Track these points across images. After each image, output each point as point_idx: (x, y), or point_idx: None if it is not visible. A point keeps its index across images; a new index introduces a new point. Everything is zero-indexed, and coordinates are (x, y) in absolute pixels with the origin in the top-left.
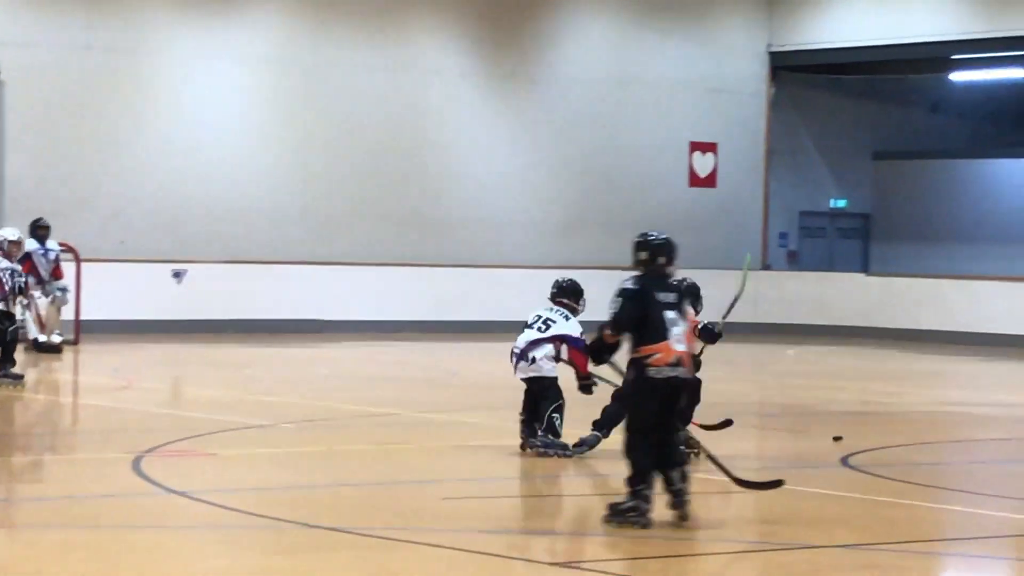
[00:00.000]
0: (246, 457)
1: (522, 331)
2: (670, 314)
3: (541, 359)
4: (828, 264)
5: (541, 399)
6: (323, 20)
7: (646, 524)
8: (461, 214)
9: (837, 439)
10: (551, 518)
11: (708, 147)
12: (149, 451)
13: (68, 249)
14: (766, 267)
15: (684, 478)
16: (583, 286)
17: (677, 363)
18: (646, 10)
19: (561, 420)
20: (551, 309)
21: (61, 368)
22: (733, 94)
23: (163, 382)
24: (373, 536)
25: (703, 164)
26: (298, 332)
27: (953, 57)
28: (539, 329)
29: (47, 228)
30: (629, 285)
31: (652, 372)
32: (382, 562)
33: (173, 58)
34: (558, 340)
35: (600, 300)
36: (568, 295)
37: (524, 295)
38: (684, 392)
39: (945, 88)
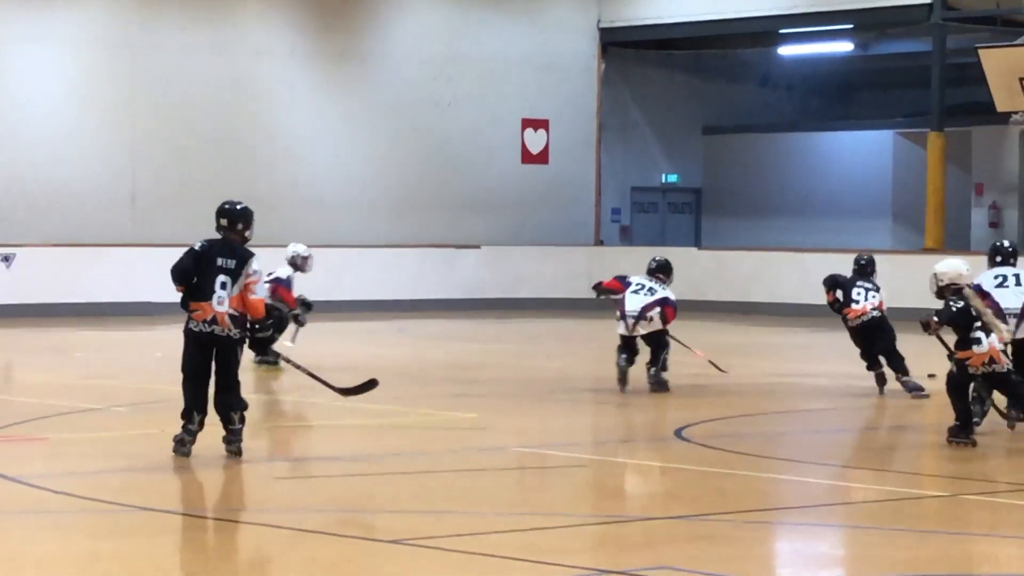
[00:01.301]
0: (78, 441)
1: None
2: (222, 278)
3: (654, 317)
4: (660, 239)
5: (658, 347)
6: (149, 1)
7: (185, 453)
8: (293, 195)
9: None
10: (384, 496)
11: (540, 124)
12: None
13: None
14: (599, 243)
15: (242, 420)
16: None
17: (213, 321)
18: None
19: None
20: (651, 280)
21: None
22: (564, 71)
23: None
24: (206, 517)
25: (535, 141)
26: (127, 315)
27: (781, 32)
28: (645, 295)
29: None
30: (195, 246)
31: (192, 325)
32: (214, 543)
33: None
34: (661, 303)
35: (432, 277)
36: (663, 271)
37: (358, 274)
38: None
39: (773, 62)
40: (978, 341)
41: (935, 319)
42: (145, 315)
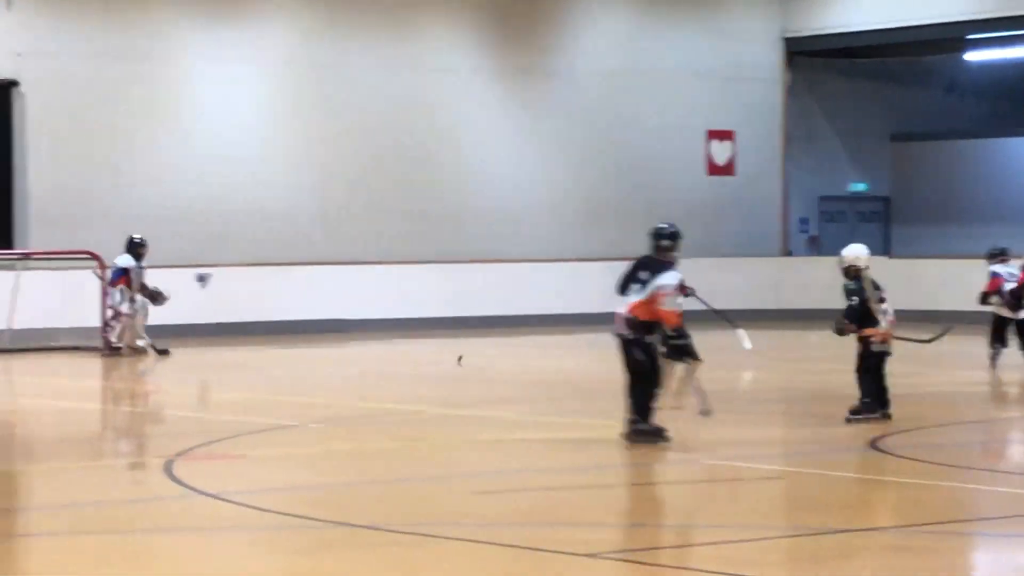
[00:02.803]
0: (275, 458)
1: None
2: (635, 286)
3: None
4: None
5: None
6: (335, 20)
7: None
8: (477, 210)
9: None
10: (577, 509)
11: (725, 135)
12: (180, 455)
13: (92, 257)
14: (787, 253)
15: (640, 412)
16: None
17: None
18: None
19: None
20: None
21: (90, 374)
22: (749, 81)
23: (190, 386)
24: (403, 532)
25: (721, 152)
26: (320, 332)
27: (968, 37)
28: None
29: (144, 246)
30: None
31: None
32: (412, 558)
33: (188, 63)
34: None
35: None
36: None
37: (541, 288)
38: None
39: (960, 68)
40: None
41: (846, 322)
42: (337, 332)
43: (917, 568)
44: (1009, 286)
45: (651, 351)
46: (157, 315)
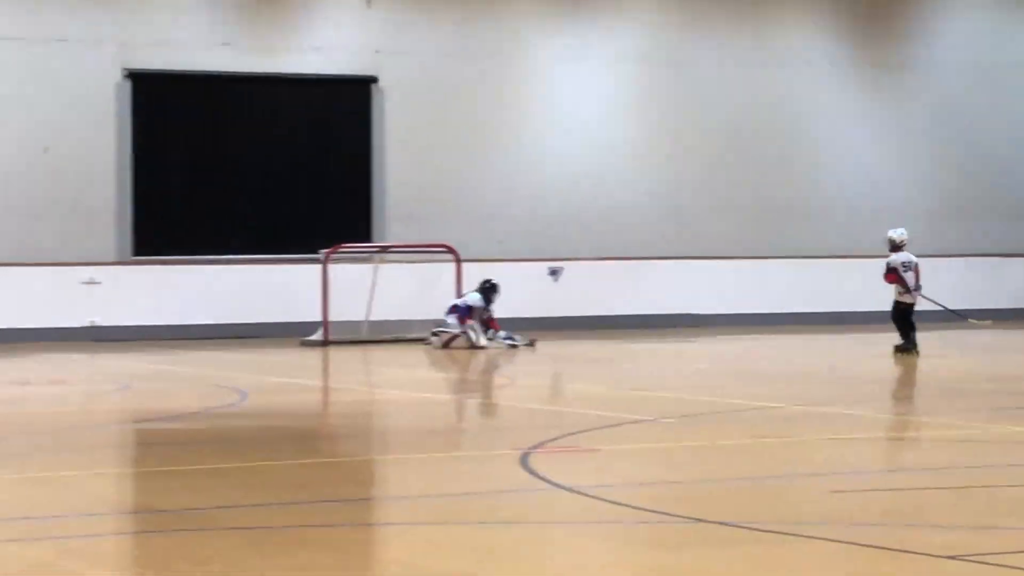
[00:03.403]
0: (629, 452)
1: None
2: None
3: None
4: None
5: None
6: (688, 16)
7: None
8: (832, 205)
9: None
10: (938, 510)
11: None
12: (535, 447)
13: (448, 250)
14: None
15: None
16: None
17: None
18: None
19: None
20: None
21: (439, 366)
22: None
23: (542, 379)
24: (763, 531)
25: None
26: (670, 327)
27: None
28: None
29: (497, 292)
30: None
31: None
32: (772, 556)
33: (544, 60)
34: None
35: (979, 286)
36: None
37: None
38: None
39: None
40: None
41: None
42: (688, 326)
43: None
44: None
45: None
46: (509, 309)
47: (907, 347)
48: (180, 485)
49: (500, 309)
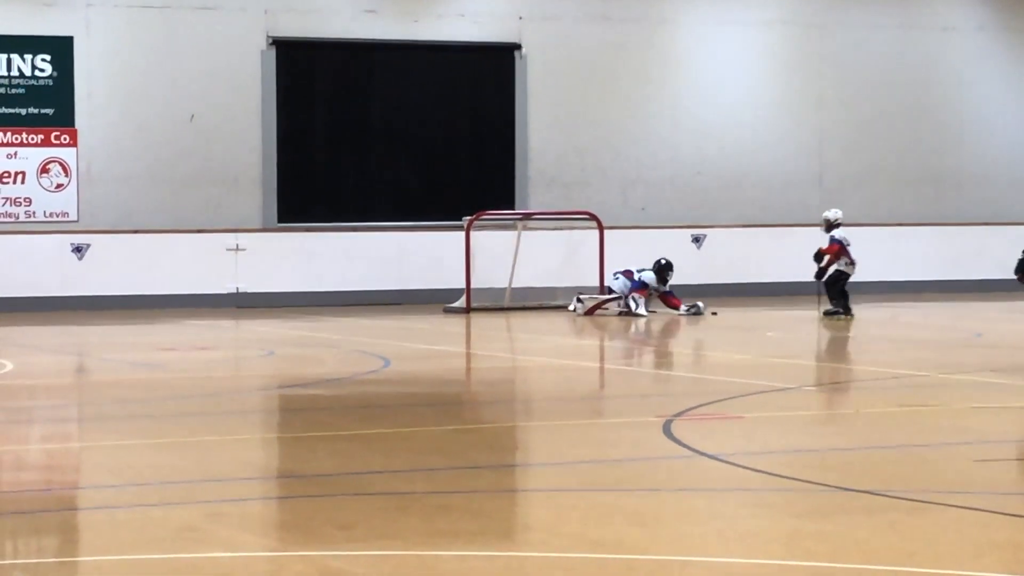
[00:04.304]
0: (772, 420)
1: None
2: None
3: None
4: None
5: None
6: None
7: None
8: (980, 172)
9: None
10: None
11: None
12: (678, 415)
13: (591, 217)
14: None
15: None
16: None
17: None
18: None
19: None
20: None
21: (583, 333)
22: None
23: (686, 346)
24: (906, 499)
25: None
26: (813, 294)
27: None
28: None
29: (671, 270)
30: None
31: None
32: (914, 525)
33: (686, 25)
34: None
35: None
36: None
37: None
38: None
39: None
40: None
41: None
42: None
43: None
44: None
45: None
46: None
47: (837, 312)
48: (324, 450)
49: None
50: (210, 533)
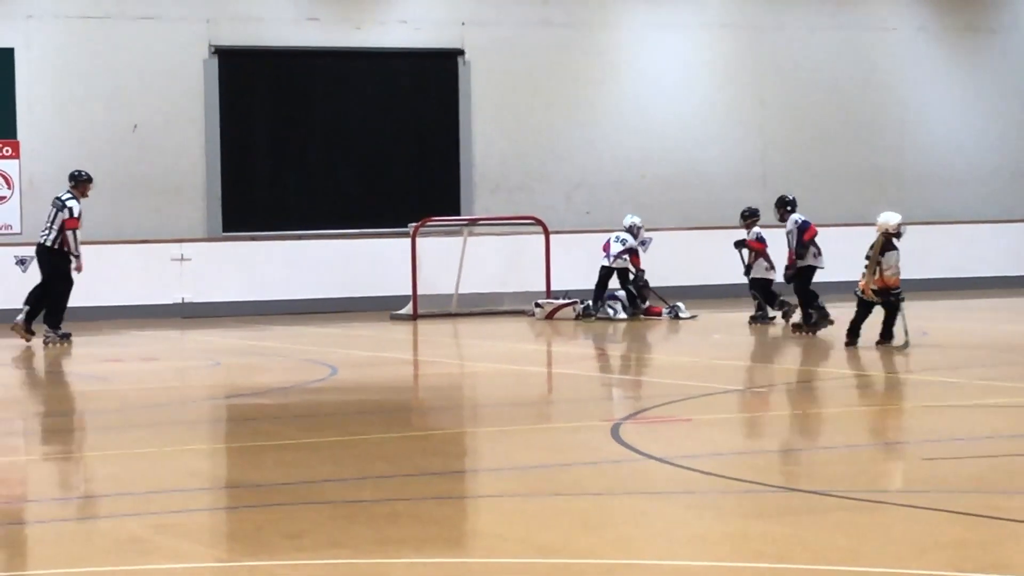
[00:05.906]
0: (719, 422)
1: None
2: None
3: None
4: None
5: None
6: None
7: None
8: (921, 171)
9: None
10: None
11: None
12: (626, 418)
13: (536, 222)
14: None
15: None
16: None
17: None
18: None
19: None
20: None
21: (531, 339)
22: None
23: (633, 350)
24: (852, 499)
25: None
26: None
27: None
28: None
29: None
30: None
31: None
32: (862, 524)
33: (628, 29)
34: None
35: None
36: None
37: (985, 249)
38: None
39: None
40: None
41: None
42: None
43: None
44: None
45: None
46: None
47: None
48: (271, 460)
49: (590, 281)
50: (157, 544)
